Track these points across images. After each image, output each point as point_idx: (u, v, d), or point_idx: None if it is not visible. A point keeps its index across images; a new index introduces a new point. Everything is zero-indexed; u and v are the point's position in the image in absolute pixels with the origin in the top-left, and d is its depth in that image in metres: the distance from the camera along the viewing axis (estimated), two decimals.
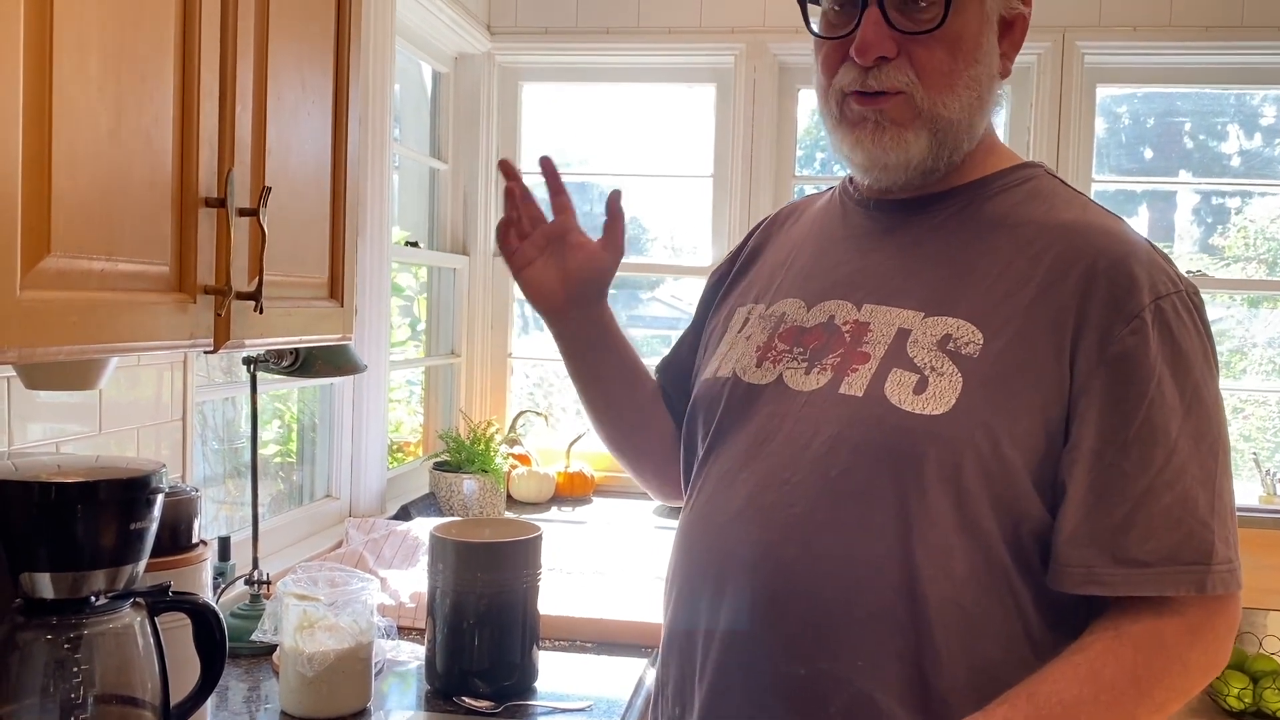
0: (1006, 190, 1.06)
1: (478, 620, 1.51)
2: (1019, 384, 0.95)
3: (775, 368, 1.07)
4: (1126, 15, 3.00)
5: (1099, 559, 0.93)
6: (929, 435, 0.94)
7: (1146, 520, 0.92)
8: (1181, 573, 0.92)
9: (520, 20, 3.24)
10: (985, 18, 1.01)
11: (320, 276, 1.34)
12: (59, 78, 0.83)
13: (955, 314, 0.99)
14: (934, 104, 1.01)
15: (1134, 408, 0.93)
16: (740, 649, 1.00)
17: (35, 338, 0.82)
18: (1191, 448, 0.93)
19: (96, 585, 1.07)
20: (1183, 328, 0.96)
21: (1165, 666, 0.92)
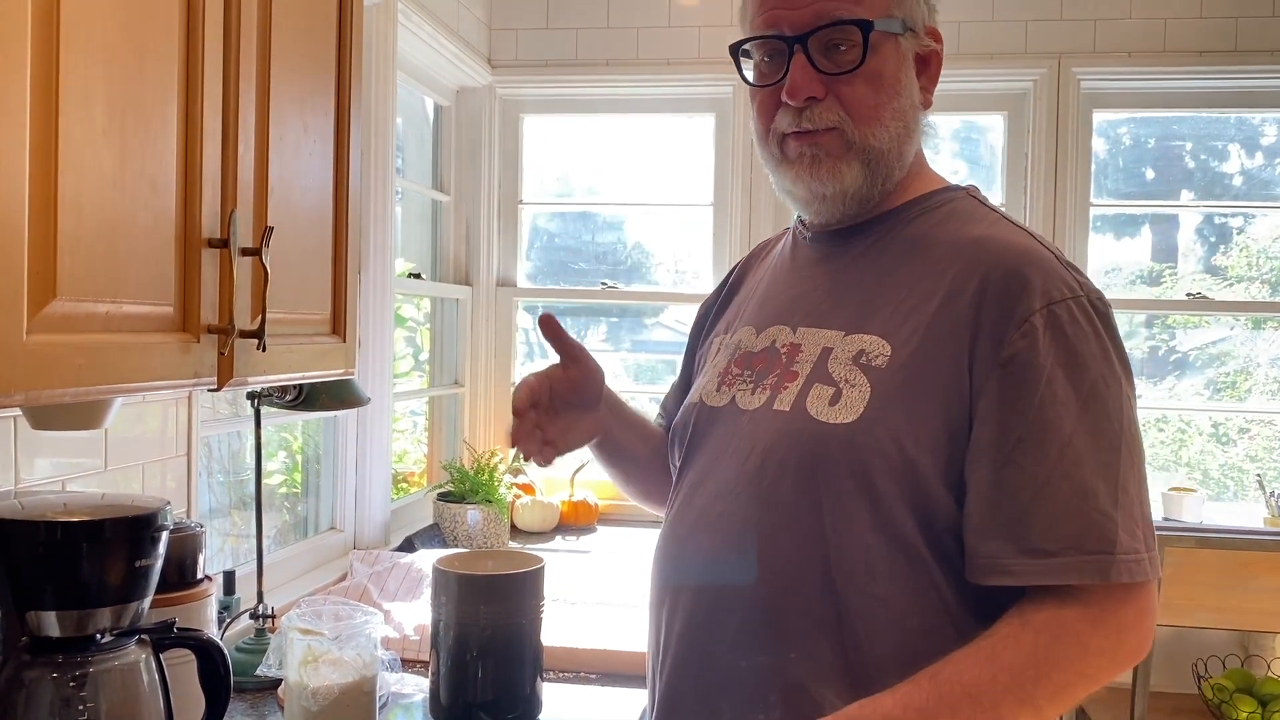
0: (926, 213, 1.14)
1: (481, 652, 1.51)
2: (921, 391, 1.01)
3: (729, 390, 1.17)
4: (1121, 41, 3.03)
5: (1004, 550, 0.97)
6: (839, 442, 1.02)
7: (1047, 511, 0.96)
8: (1086, 561, 0.95)
9: (521, 54, 3.27)
10: (902, 56, 1.11)
11: (322, 313, 1.35)
12: (64, 125, 0.85)
13: (869, 331, 1.06)
14: (864, 136, 1.09)
15: (1026, 405, 0.98)
16: (692, 646, 1.09)
17: (42, 381, 0.83)
18: (1089, 442, 0.97)
19: (102, 623, 1.08)
20: (1078, 330, 1.00)
21: (1064, 651, 0.95)
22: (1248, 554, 2.42)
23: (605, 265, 3.50)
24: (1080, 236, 3.15)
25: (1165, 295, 3.29)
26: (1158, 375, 3.35)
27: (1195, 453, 3.41)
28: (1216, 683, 2.69)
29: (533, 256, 3.53)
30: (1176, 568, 2.45)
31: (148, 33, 0.96)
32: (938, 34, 1.15)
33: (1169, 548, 2.44)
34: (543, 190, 3.53)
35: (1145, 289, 3.32)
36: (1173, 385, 3.35)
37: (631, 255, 3.55)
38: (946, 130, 3.43)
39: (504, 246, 3.41)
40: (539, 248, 3.56)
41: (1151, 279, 3.33)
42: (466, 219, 3.33)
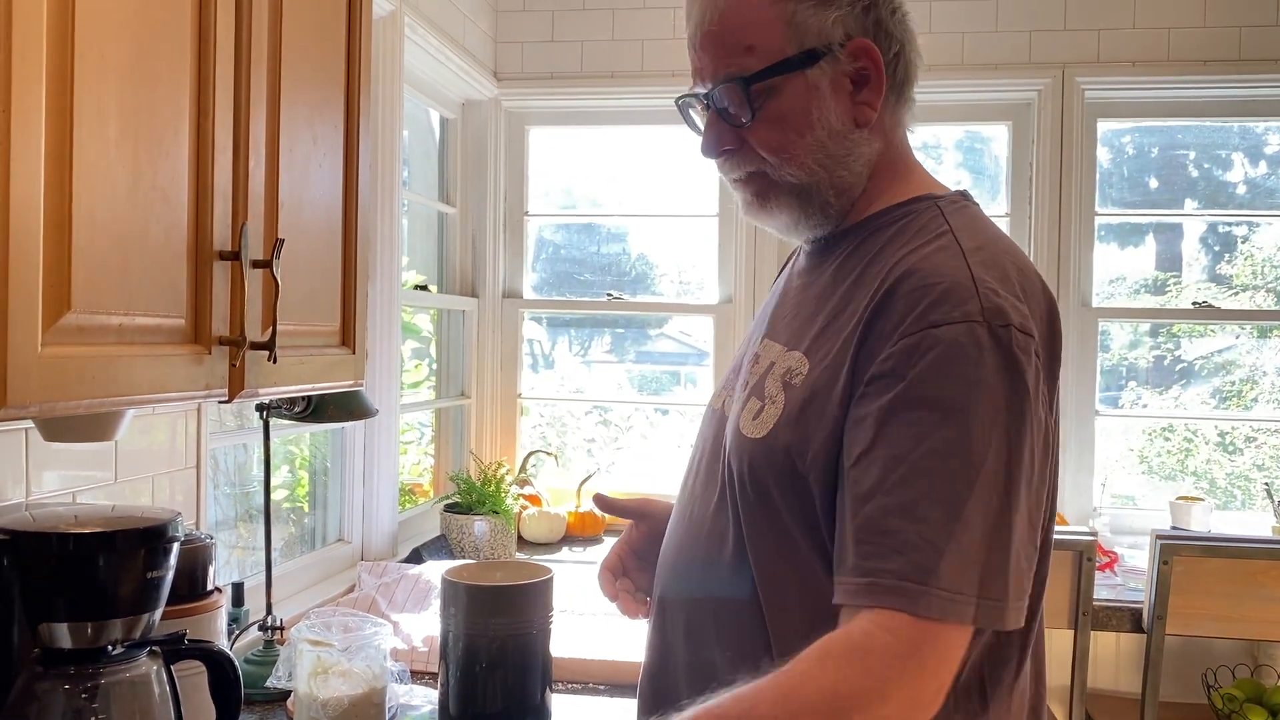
0: (880, 229, 1.10)
1: (491, 664, 1.51)
2: (818, 408, 1.00)
3: (721, 397, 1.21)
4: (1125, 51, 3.04)
5: (839, 568, 0.94)
6: (746, 455, 1.05)
7: (869, 532, 0.91)
8: (894, 587, 0.89)
9: (526, 66, 3.29)
10: (811, 89, 1.06)
11: (332, 325, 1.36)
12: (79, 142, 0.86)
13: (799, 348, 1.07)
14: (783, 176, 1.09)
15: (875, 421, 0.94)
16: (656, 643, 1.17)
17: (56, 393, 0.84)
18: (933, 468, 0.91)
19: (114, 635, 1.08)
20: (959, 355, 0.93)
21: (865, 691, 0.87)
22: (1256, 563, 2.41)
23: (610, 276, 3.51)
24: (1085, 246, 3.16)
25: (1170, 304, 3.29)
26: (1163, 384, 3.35)
27: (1202, 462, 3.41)
28: (1226, 692, 2.68)
29: (538, 268, 3.54)
30: (1184, 577, 2.44)
31: (160, 48, 0.97)
32: (868, 47, 1.07)
33: (1177, 557, 2.44)
34: (548, 202, 3.55)
35: (1150, 298, 3.32)
36: (1178, 394, 3.34)
37: (636, 266, 3.55)
38: (950, 140, 3.44)
39: (510, 258, 3.42)
40: (544, 259, 3.57)
41: (1156, 288, 3.33)
42: (472, 231, 3.34)
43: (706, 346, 3.44)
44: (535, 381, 3.55)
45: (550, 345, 3.64)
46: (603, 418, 3.64)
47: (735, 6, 1.06)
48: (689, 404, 3.54)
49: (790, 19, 1.05)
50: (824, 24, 1.05)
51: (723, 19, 1.07)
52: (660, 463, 3.53)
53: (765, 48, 1.05)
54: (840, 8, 1.06)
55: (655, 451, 3.58)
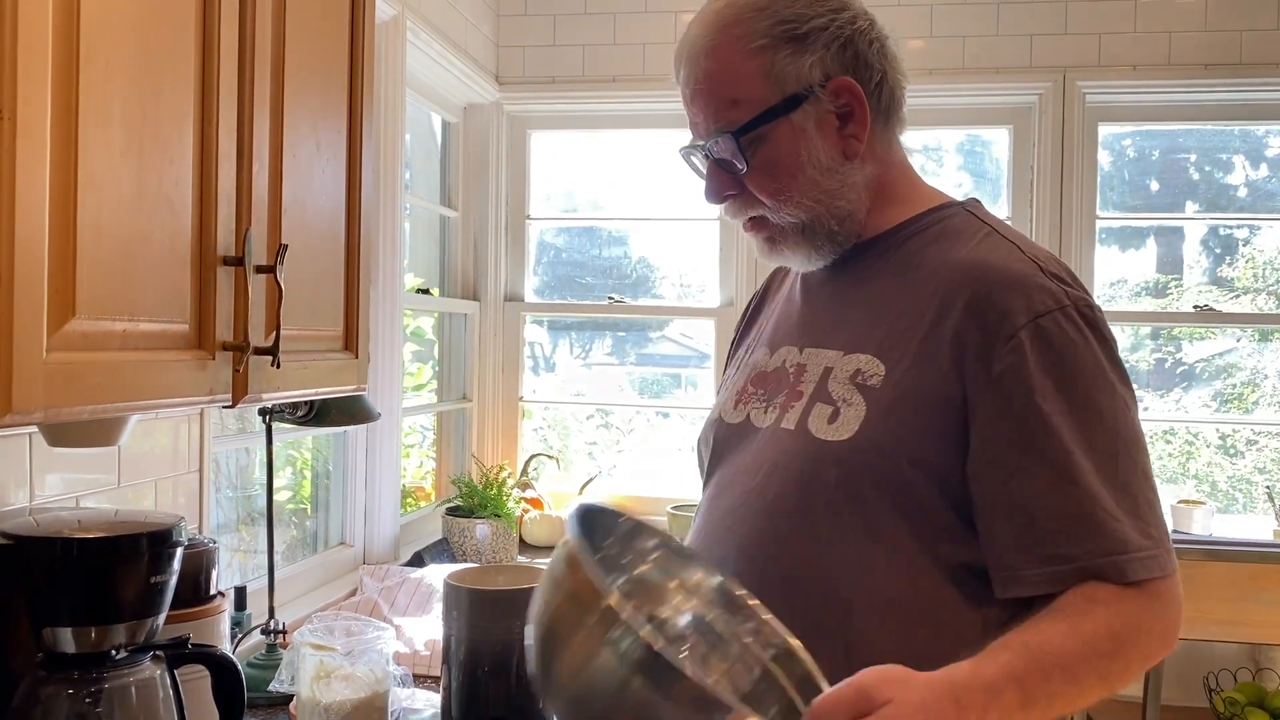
0: (916, 234, 1.16)
1: (493, 668, 1.51)
2: (916, 409, 1.05)
3: (745, 408, 1.21)
4: (1126, 55, 3.04)
5: (1019, 562, 1.00)
6: (832, 459, 1.06)
7: (1055, 520, 0.99)
8: (1103, 562, 0.97)
9: (528, 70, 3.29)
10: (797, 132, 1.12)
11: (335, 330, 1.36)
12: (84, 148, 0.86)
13: (865, 350, 1.10)
14: (782, 217, 1.15)
15: (1021, 419, 1.01)
16: None
17: (61, 399, 0.84)
18: (1087, 449, 1.00)
19: (117, 639, 1.08)
20: (1065, 340, 1.02)
21: (1130, 631, 0.98)
22: (1257, 566, 2.42)
23: (611, 280, 3.52)
24: (1086, 249, 3.16)
25: (1171, 307, 3.30)
26: (1164, 387, 3.35)
27: (1203, 465, 3.41)
28: (1228, 696, 2.68)
29: (540, 271, 3.54)
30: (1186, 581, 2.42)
31: (164, 55, 0.98)
32: (849, 85, 1.12)
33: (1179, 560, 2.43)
34: (550, 205, 3.55)
35: (1151, 301, 3.32)
36: (1179, 397, 3.35)
37: (637, 269, 3.56)
38: (951, 144, 3.45)
39: (511, 261, 3.43)
40: (546, 262, 3.58)
41: (1157, 291, 3.33)
42: (474, 234, 3.35)
43: (707, 349, 3.44)
44: (537, 384, 3.55)
45: (551, 348, 3.64)
46: (604, 420, 3.65)
47: (718, 64, 1.12)
48: (690, 407, 3.54)
49: (769, 70, 1.10)
50: (802, 69, 1.10)
51: (708, 77, 1.12)
52: (661, 465, 3.54)
53: (749, 99, 1.11)
54: (816, 51, 1.11)
55: (656, 454, 3.58)
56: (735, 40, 1.11)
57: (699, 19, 1.15)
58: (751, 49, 1.11)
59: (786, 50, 1.10)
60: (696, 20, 1.15)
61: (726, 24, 1.12)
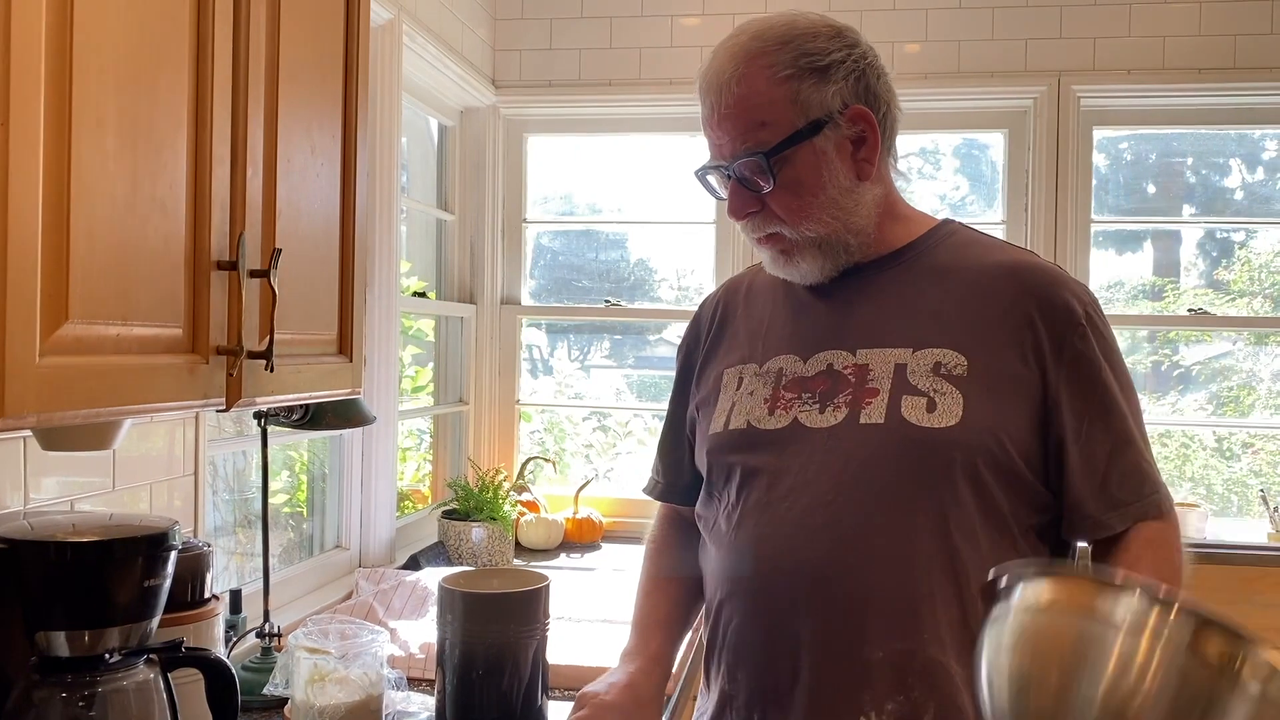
0: (939, 246, 1.31)
1: (487, 671, 1.51)
2: (1004, 393, 1.20)
3: (788, 413, 1.26)
4: (1120, 59, 3.05)
5: (1098, 509, 1.20)
6: (951, 443, 1.17)
7: (1120, 471, 1.20)
8: (1147, 502, 1.21)
9: (524, 74, 3.30)
10: (819, 154, 1.23)
11: (329, 333, 1.36)
12: (77, 153, 0.86)
13: (939, 345, 1.22)
14: (801, 233, 1.25)
15: (1092, 391, 1.21)
16: (827, 650, 1.19)
17: (54, 403, 0.84)
18: (1131, 412, 1.23)
19: (111, 643, 1.09)
20: (1105, 326, 1.24)
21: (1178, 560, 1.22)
22: (1252, 570, 2.42)
23: (609, 283, 3.52)
24: (1081, 252, 3.16)
25: (1168, 309, 3.30)
26: (1161, 390, 3.36)
27: (1199, 468, 3.41)
28: None
29: (536, 274, 3.54)
30: None
31: (159, 59, 0.98)
32: (863, 113, 1.24)
33: None
34: (546, 209, 3.56)
35: (1147, 303, 3.33)
36: (1175, 400, 3.35)
37: (635, 272, 3.56)
38: (948, 147, 3.45)
39: (508, 265, 3.43)
40: (543, 265, 3.58)
41: (1154, 293, 3.34)
42: (470, 238, 3.35)
43: None
44: (534, 386, 3.55)
45: (549, 351, 3.65)
46: (600, 424, 3.65)
47: (747, 90, 1.21)
48: None
49: (796, 96, 1.21)
50: (825, 97, 1.22)
51: (737, 102, 1.22)
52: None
53: (776, 123, 1.21)
54: (836, 81, 1.23)
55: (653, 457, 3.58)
56: (764, 69, 1.21)
57: (725, 51, 1.24)
58: (780, 77, 1.21)
59: (811, 80, 1.22)
60: (722, 51, 1.25)
61: (754, 55, 1.22)
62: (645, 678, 1.33)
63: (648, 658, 1.36)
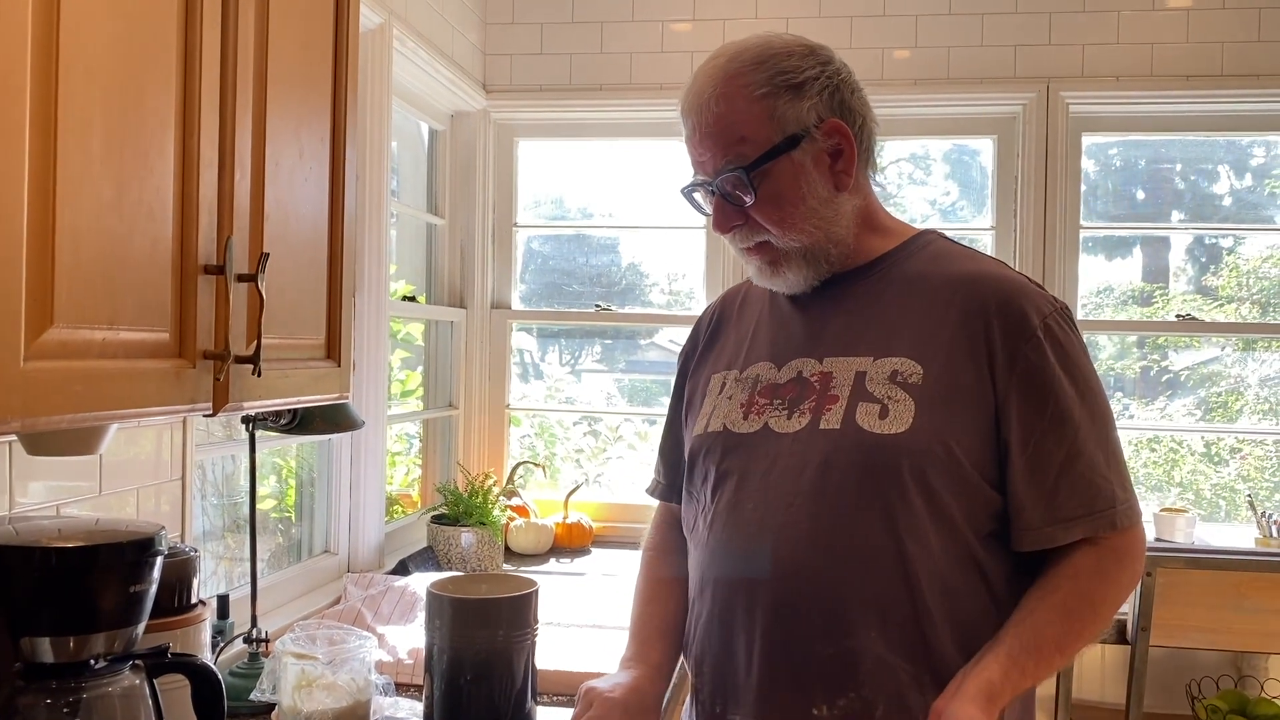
0: (912, 256, 1.34)
1: (475, 676, 1.51)
2: (956, 401, 1.22)
3: (760, 418, 1.31)
4: (1109, 66, 3.06)
5: (1042, 520, 1.21)
6: (899, 449, 1.20)
7: (1068, 484, 1.21)
8: (1099, 517, 1.21)
9: (515, 79, 3.30)
10: (797, 168, 1.27)
11: (317, 338, 1.36)
12: (63, 156, 0.86)
13: (897, 354, 1.26)
14: (786, 242, 1.30)
15: (1043, 402, 1.22)
16: (780, 645, 1.23)
17: (38, 408, 0.84)
18: (1089, 423, 1.23)
19: (96, 649, 1.08)
20: (1065, 335, 1.25)
21: (1107, 591, 1.23)
22: (1240, 575, 2.43)
23: (600, 287, 3.52)
24: (1070, 258, 3.17)
25: (1156, 315, 3.31)
26: (1149, 395, 3.37)
27: (1187, 473, 3.42)
28: (1210, 703, 2.69)
29: (527, 279, 3.54)
30: (1169, 588, 2.45)
31: (146, 62, 0.98)
32: (838, 127, 1.28)
33: (1160, 568, 2.45)
34: (537, 213, 3.55)
35: (1136, 309, 3.34)
36: (1164, 406, 3.36)
37: (626, 276, 3.56)
38: (938, 153, 3.46)
39: (498, 269, 3.43)
40: (533, 270, 3.58)
41: (1143, 299, 3.35)
42: (461, 242, 3.34)
43: None
44: (525, 391, 3.55)
45: (540, 355, 3.64)
46: (591, 428, 3.64)
47: (726, 109, 1.26)
48: None
49: (772, 113, 1.26)
50: (800, 112, 1.26)
51: (717, 120, 1.27)
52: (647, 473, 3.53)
53: (755, 138, 1.26)
54: (811, 97, 1.27)
55: (643, 462, 3.58)
56: (741, 88, 1.26)
57: (704, 73, 1.29)
58: (756, 95, 1.26)
59: (786, 97, 1.26)
60: (702, 74, 1.29)
61: (731, 75, 1.27)
62: (650, 685, 1.34)
63: (650, 666, 1.36)
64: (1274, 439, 3.31)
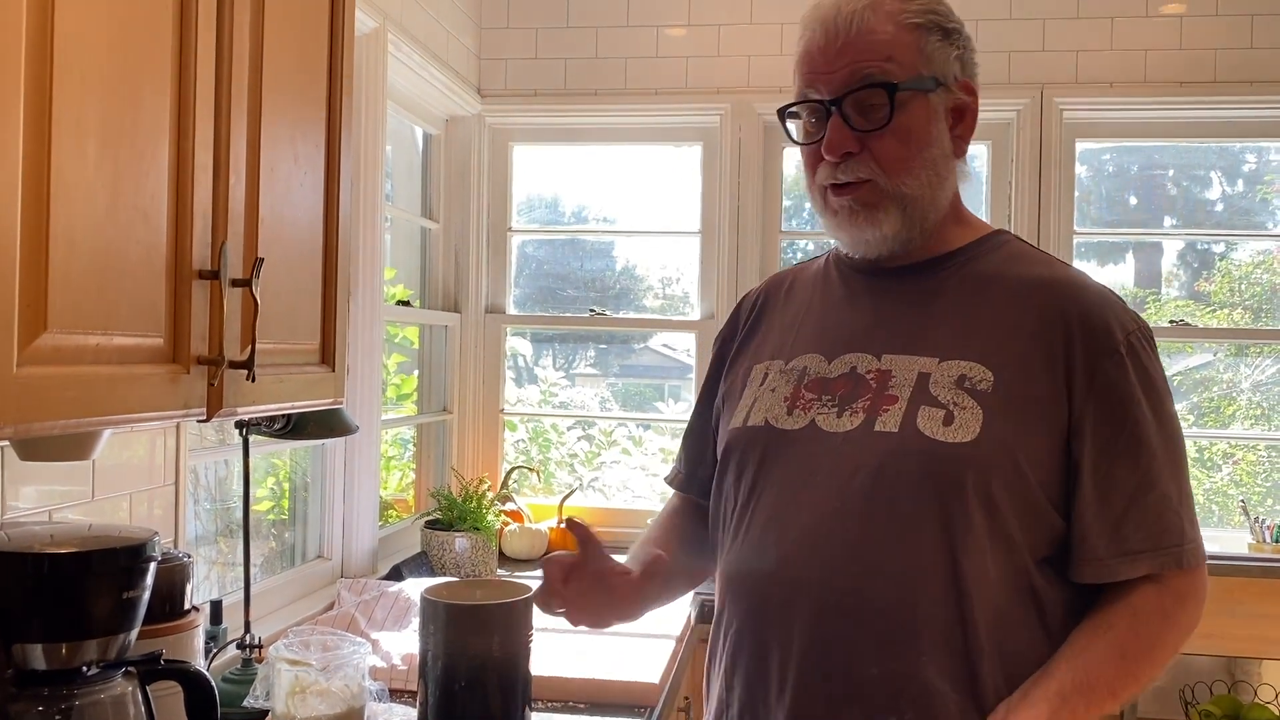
0: (988, 254, 1.26)
1: (470, 682, 1.50)
2: (1028, 414, 1.14)
3: (806, 414, 1.22)
4: (1102, 72, 3.07)
5: (1106, 552, 1.13)
6: (964, 460, 1.12)
7: (1138, 515, 1.13)
8: (1165, 553, 1.13)
9: (510, 83, 3.30)
10: (931, 111, 1.20)
11: (312, 343, 1.36)
12: (57, 160, 0.85)
13: (966, 357, 1.17)
14: (896, 185, 1.20)
15: (1120, 425, 1.14)
16: (818, 662, 1.15)
17: (31, 414, 0.83)
18: (1164, 452, 1.15)
19: (89, 655, 1.07)
20: (1148, 357, 1.17)
21: (1166, 633, 1.14)
22: (1233, 580, 2.43)
23: (594, 291, 3.52)
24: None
25: (1149, 320, 3.31)
26: None
27: None
28: (1204, 709, 2.69)
29: (521, 283, 3.54)
30: None
31: (141, 66, 0.97)
32: (971, 88, 1.23)
33: None
34: (532, 217, 3.55)
35: None
36: None
37: (620, 281, 3.56)
38: None
39: (493, 273, 3.42)
40: (528, 274, 3.57)
41: (1136, 305, 3.35)
42: (455, 247, 3.34)
43: (690, 360, 3.44)
44: (519, 395, 3.55)
45: (534, 359, 3.64)
46: (585, 432, 3.64)
47: (878, 21, 1.18)
48: (672, 420, 3.54)
49: (923, 46, 1.19)
50: (947, 58, 1.21)
51: (864, 31, 1.18)
52: (642, 478, 3.53)
53: (903, 62, 1.18)
54: (957, 48, 1.22)
55: (637, 466, 3.58)
56: (894, 12, 1.19)
57: None
58: (909, 23, 1.19)
59: (937, 36, 1.20)
60: None
61: None
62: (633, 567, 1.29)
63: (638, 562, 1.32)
64: (1266, 444, 3.32)
